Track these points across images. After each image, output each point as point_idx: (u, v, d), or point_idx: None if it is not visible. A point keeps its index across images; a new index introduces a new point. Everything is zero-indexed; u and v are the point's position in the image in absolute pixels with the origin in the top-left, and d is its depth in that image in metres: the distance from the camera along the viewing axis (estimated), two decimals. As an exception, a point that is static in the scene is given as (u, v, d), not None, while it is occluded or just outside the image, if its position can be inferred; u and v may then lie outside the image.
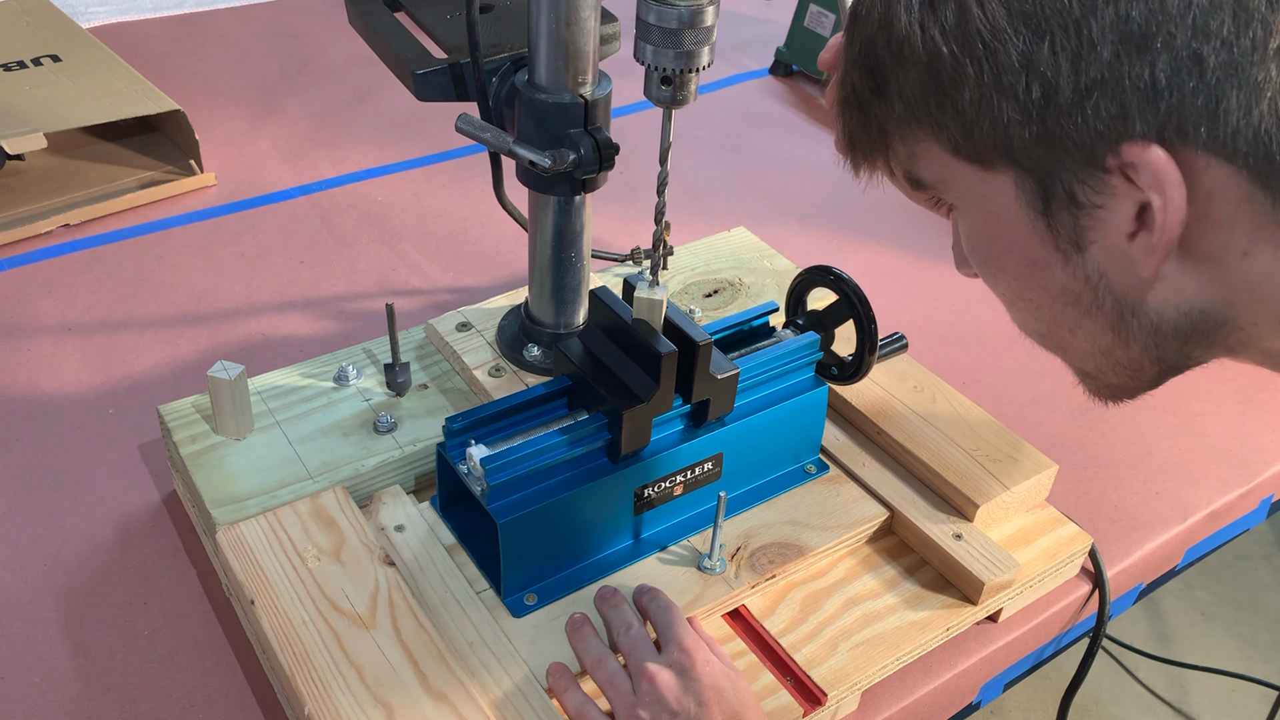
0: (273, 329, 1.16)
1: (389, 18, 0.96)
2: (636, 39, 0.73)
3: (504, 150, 0.83)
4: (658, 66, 0.72)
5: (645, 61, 0.73)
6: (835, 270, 0.92)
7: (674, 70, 0.73)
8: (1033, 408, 1.11)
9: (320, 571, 0.79)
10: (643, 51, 0.73)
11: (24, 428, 1.02)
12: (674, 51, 0.72)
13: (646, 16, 0.71)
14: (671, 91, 0.74)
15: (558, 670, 0.76)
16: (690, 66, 0.72)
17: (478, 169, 1.45)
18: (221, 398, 0.86)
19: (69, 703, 0.79)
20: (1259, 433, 1.10)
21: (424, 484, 0.91)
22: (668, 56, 0.72)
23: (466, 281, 1.24)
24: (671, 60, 0.72)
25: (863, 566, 0.88)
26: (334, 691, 0.71)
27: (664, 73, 0.73)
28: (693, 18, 0.70)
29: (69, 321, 1.15)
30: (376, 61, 0.96)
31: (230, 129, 1.50)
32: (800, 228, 1.38)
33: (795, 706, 0.77)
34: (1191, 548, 1.03)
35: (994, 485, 0.89)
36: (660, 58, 0.72)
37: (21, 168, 1.36)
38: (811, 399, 0.90)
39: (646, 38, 0.72)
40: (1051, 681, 1.93)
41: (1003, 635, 0.88)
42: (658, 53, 0.72)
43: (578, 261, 0.94)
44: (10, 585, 0.87)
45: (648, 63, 0.73)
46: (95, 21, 1.76)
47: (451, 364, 0.99)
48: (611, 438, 0.80)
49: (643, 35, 0.72)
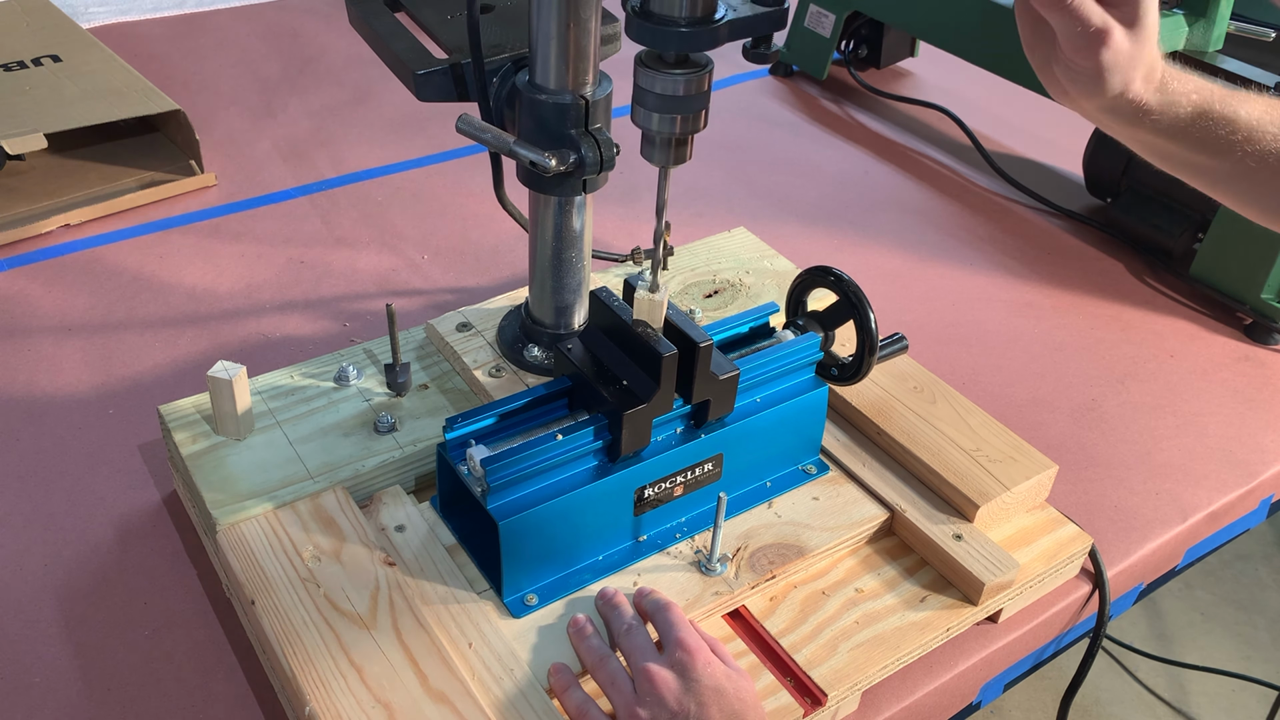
0: (273, 329, 1.16)
1: (389, 18, 0.96)
2: (633, 104, 0.76)
3: (504, 150, 0.83)
4: (659, 130, 0.76)
5: (646, 126, 0.76)
6: (835, 271, 0.92)
7: (672, 134, 0.76)
8: (1033, 408, 1.11)
9: (320, 572, 0.79)
10: (645, 118, 0.76)
11: (24, 428, 1.02)
12: (674, 117, 0.75)
13: (650, 86, 0.74)
14: (671, 152, 0.77)
15: (559, 670, 0.76)
16: (690, 130, 0.76)
17: (478, 169, 1.45)
18: (221, 398, 0.86)
19: (69, 703, 0.79)
20: (1259, 433, 1.10)
21: (424, 484, 0.91)
22: (669, 121, 0.75)
23: (466, 281, 1.24)
24: (671, 125, 0.75)
25: (863, 567, 0.88)
26: (334, 692, 0.71)
27: (664, 136, 0.76)
28: (691, 85, 0.74)
29: (69, 321, 1.15)
30: (376, 61, 0.96)
31: (230, 129, 1.50)
32: (800, 228, 1.38)
33: (795, 707, 0.77)
34: (1191, 548, 1.03)
35: (994, 485, 0.89)
36: (662, 123, 0.75)
37: (21, 168, 1.36)
38: (811, 399, 0.90)
39: (644, 103, 0.75)
40: (1051, 681, 1.94)
41: (1003, 635, 0.88)
42: (660, 119, 0.75)
43: (578, 261, 0.94)
44: (10, 585, 0.87)
45: (650, 128, 0.76)
46: (95, 21, 1.76)
47: (452, 364, 0.99)
48: (612, 438, 0.80)
49: (640, 101, 0.75)
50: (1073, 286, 1.31)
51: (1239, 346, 1.23)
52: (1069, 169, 1.53)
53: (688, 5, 0.71)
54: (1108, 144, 1.37)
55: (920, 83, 1.77)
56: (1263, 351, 1.22)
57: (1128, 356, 1.20)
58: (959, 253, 1.35)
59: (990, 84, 1.56)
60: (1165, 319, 1.26)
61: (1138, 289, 1.31)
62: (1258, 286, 1.22)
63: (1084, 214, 1.43)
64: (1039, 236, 1.40)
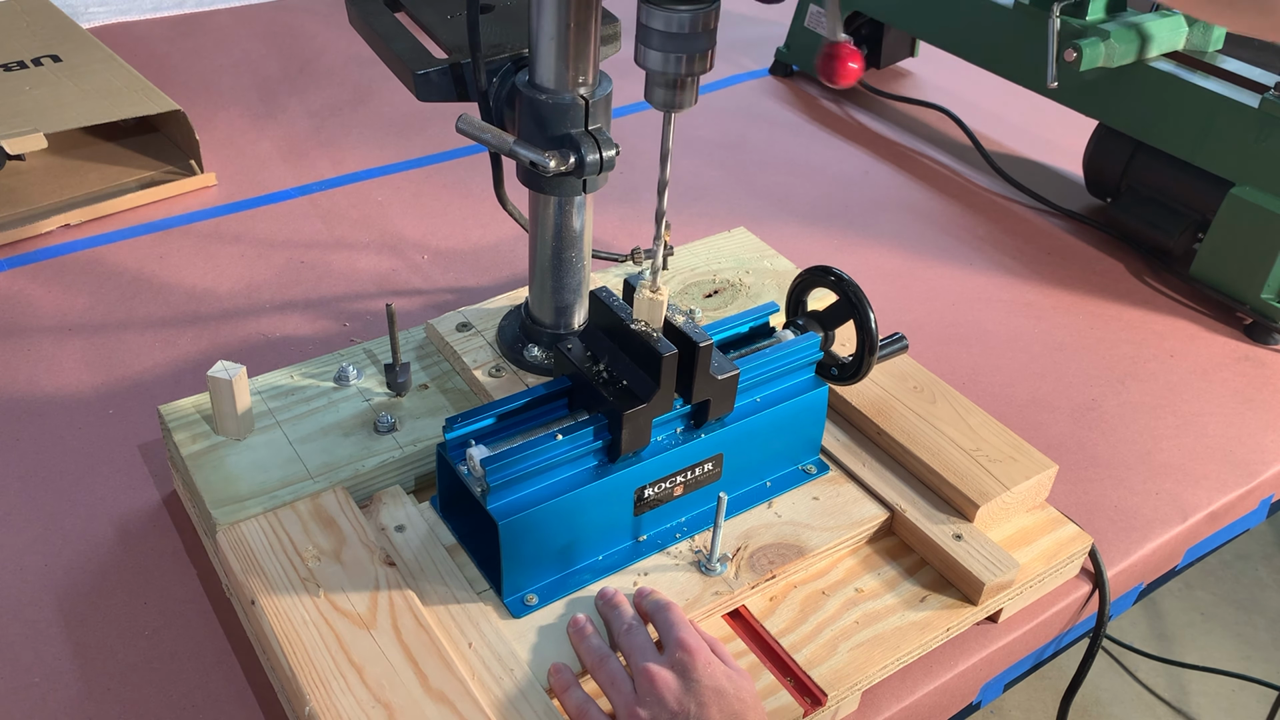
0: (273, 329, 1.16)
1: (389, 18, 0.96)
2: (637, 43, 0.73)
3: (504, 150, 0.83)
4: (661, 70, 0.72)
5: (647, 66, 0.73)
6: (835, 270, 0.92)
7: (676, 74, 0.72)
8: (1033, 408, 1.11)
9: (320, 572, 0.79)
10: (644, 56, 0.72)
11: (24, 428, 1.02)
12: (676, 56, 0.72)
13: (649, 21, 0.71)
14: (673, 95, 0.74)
15: (558, 670, 0.76)
16: (692, 71, 0.72)
17: (478, 169, 1.45)
18: (221, 398, 0.86)
19: (69, 703, 0.79)
20: (1259, 433, 1.10)
21: (424, 484, 0.91)
22: (670, 61, 0.72)
23: (466, 281, 1.24)
24: (674, 65, 0.72)
25: (863, 567, 0.88)
26: (335, 692, 0.71)
27: (666, 77, 0.73)
28: (696, 22, 0.71)
29: (69, 321, 1.15)
30: (376, 61, 0.96)
31: (230, 129, 1.50)
32: (800, 228, 1.38)
33: (795, 706, 0.77)
34: (1191, 548, 1.03)
35: (994, 485, 0.89)
36: (663, 62, 0.72)
37: (21, 168, 1.36)
38: (811, 399, 0.90)
39: (648, 42, 0.72)
40: (1051, 681, 1.94)
41: (1003, 635, 0.88)
42: (662, 58, 0.72)
43: (578, 261, 0.94)
44: (10, 585, 0.87)
45: (650, 67, 0.73)
46: (95, 21, 1.76)
47: (452, 364, 0.99)
48: (612, 438, 0.80)
49: (643, 40, 0.72)
50: (1073, 286, 1.31)
51: (1239, 346, 1.23)
52: (1069, 169, 1.53)
53: None
54: (1108, 144, 1.37)
55: (920, 83, 1.77)
56: (1263, 351, 1.22)
57: (1128, 356, 1.20)
58: (959, 253, 1.35)
59: (990, 84, 1.56)
60: (1165, 319, 1.26)
61: (1138, 289, 1.31)
62: (1258, 286, 1.22)
63: (1084, 214, 1.43)
64: (1039, 236, 1.40)
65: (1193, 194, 1.29)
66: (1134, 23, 1.28)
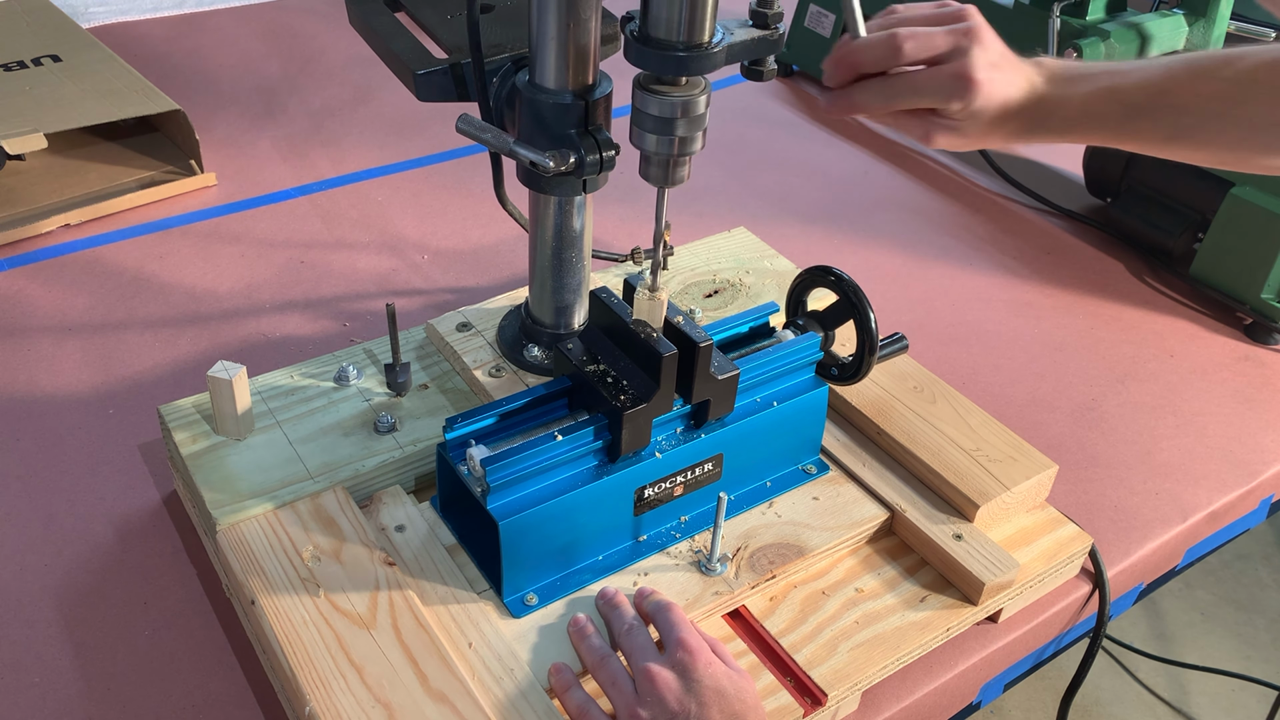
0: (273, 329, 1.16)
1: (389, 18, 0.96)
2: (632, 126, 0.77)
3: (504, 150, 0.83)
4: (657, 152, 0.77)
5: (644, 148, 0.77)
6: (835, 270, 0.92)
7: (669, 155, 0.77)
8: (1033, 408, 1.11)
9: (320, 571, 0.79)
10: (641, 139, 0.77)
11: (24, 428, 1.02)
12: (671, 138, 0.76)
13: (645, 107, 0.75)
14: (668, 173, 0.78)
15: (559, 670, 0.76)
16: (686, 151, 0.77)
17: (478, 169, 1.45)
18: (221, 398, 0.86)
19: (69, 703, 0.79)
20: (1259, 433, 1.10)
21: (424, 484, 0.91)
22: (666, 143, 0.77)
23: (466, 281, 1.24)
24: (669, 146, 0.77)
25: (863, 567, 0.88)
26: (335, 691, 0.71)
27: (661, 157, 0.77)
28: (688, 107, 0.75)
29: (69, 321, 1.15)
30: (376, 61, 0.96)
31: (230, 129, 1.50)
32: (800, 228, 1.38)
33: (795, 707, 0.77)
34: (1191, 548, 1.03)
35: (994, 485, 0.89)
36: (660, 145, 0.77)
37: (21, 168, 1.36)
38: (811, 399, 0.90)
39: (643, 125, 0.76)
40: (1051, 681, 1.94)
41: (1003, 635, 0.88)
42: (658, 140, 0.76)
43: (578, 261, 0.94)
44: (10, 585, 0.87)
45: (648, 150, 0.77)
46: (95, 21, 1.76)
47: (452, 364, 0.99)
48: (612, 438, 0.80)
49: (639, 123, 0.77)
50: (1073, 286, 1.31)
51: (1239, 346, 1.23)
52: (1069, 169, 1.53)
53: (685, 30, 0.72)
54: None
55: (920, 83, 1.77)
56: (1263, 351, 1.22)
57: (1128, 356, 1.20)
58: (959, 253, 1.35)
59: (990, 84, 1.55)
60: (1165, 319, 1.26)
61: (1138, 289, 1.31)
62: (1258, 286, 1.22)
63: (1084, 214, 1.43)
64: (1039, 236, 1.40)
65: (1193, 194, 1.29)
66: (1134, 23, 1.29)
